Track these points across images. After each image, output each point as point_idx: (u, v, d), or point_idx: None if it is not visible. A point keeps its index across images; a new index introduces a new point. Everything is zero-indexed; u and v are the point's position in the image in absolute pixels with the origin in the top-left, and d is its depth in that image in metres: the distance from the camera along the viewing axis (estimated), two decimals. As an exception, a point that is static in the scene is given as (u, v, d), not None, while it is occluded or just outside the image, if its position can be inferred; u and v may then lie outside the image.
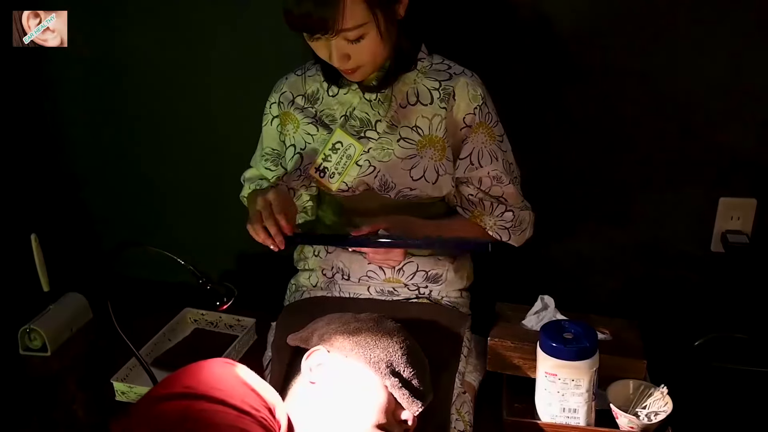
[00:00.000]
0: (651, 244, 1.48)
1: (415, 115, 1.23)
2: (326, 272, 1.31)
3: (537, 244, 1.42)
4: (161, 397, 0.80)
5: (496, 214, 1.29)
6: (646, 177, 1.45)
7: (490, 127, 1.25)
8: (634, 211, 1.47)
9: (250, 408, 0.79)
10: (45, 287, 1.56)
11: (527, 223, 1.33)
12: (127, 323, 1.51)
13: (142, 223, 1.77)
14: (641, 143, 1.42)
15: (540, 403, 1.20)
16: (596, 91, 1.41)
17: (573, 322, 1.20)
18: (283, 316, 1.30)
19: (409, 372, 1.02)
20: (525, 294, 1.37)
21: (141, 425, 0.77)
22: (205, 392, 0.79)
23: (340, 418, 0.96)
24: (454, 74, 1.24)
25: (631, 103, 1.40)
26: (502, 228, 1.30)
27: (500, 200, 1.28)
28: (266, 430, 0.78)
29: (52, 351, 1.52)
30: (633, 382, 1.22)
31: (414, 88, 1.23)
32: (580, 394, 1.16)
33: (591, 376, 1.15)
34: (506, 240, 1.32)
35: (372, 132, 1.23)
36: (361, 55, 1.14)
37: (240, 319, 1.50)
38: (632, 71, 1.38)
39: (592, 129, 1.44)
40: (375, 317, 1.11)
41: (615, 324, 1.35)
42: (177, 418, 0.75)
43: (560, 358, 1.14)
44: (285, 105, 1.30)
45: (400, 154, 1.22)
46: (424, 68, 1.24)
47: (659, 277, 1.51)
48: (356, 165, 1.23)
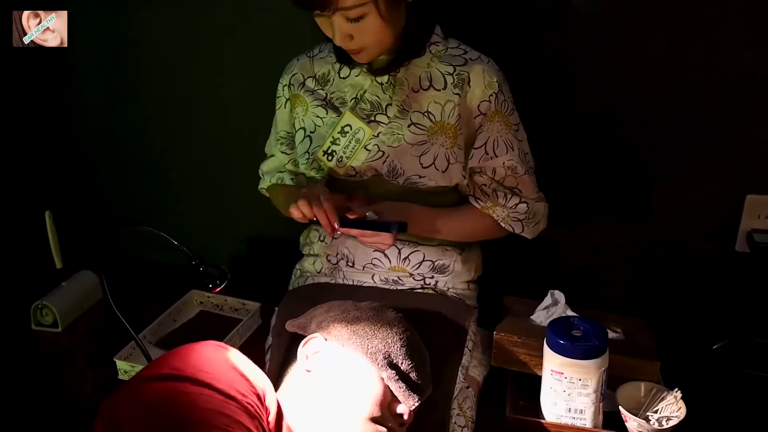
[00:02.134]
0: (671, 241, 1.42)
1: (427, 101, 1.19)
2: (330, 258, 1.29)
3: (550, 237, 1.38)
4: (148, 377, 0.79)
5: (510, 205, 1.25)
6: (667, 171, 1.38)
7: (506, 116, 1.21)
8: (654, 206, 1.41)
9: (236, 393, 0.78)
10: (58, 264, 1.57)
11: (541, 215, 1.29)
12: (137, 303, 1.53)
13: (152, 204, 1.78)
14: (663, 136, 1.36)
15: (545, 401, 1.16)
16: (617, 82, 1.35)
17: (582, 319, 1.16)
18: (285, 301, 1.28)
19: (407, 364, 0.99)
20: (535, 288, 1.33)
21: (126, 405, 0.76)
22: (192, 375, 0.77)
23: (333, 409, 0.94)
24: (469, 60, 1.20)
25: (653, 95, 1.34)
26: (515, 220, 1.26)
27: (514, 191, 1.24)
28: (251, 416, 0.76)
29: (62, 327, 1.54)
30: (644, 385, 1.18)
31: (427, 72, 1.20)
32: (587, 395, 1.12)
33: (599, 376, 1.11)
34: (519, 232, 1.28)
35: (382, 116, 1.20)
36: (364, 36, 1.10)
37: (245, 302, 1.49)
38: (655, 62, 1.32)
39: (611, 120, 1.38)
40: (375, 306, 1.08)
41: (628, 323, 1.30)
42: (160, 399, 0.74)
43: (567, 356, 1.10)
44: (295, 87, 1.28)
45: (410, 140, 1.19)
46: (439, 52, 1.21)
47: (677, 276, 1.44)
48: (365, 149, 1.20)
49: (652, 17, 1.29)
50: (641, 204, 1.41)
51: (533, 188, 1.26)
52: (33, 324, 1.55)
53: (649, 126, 1.36)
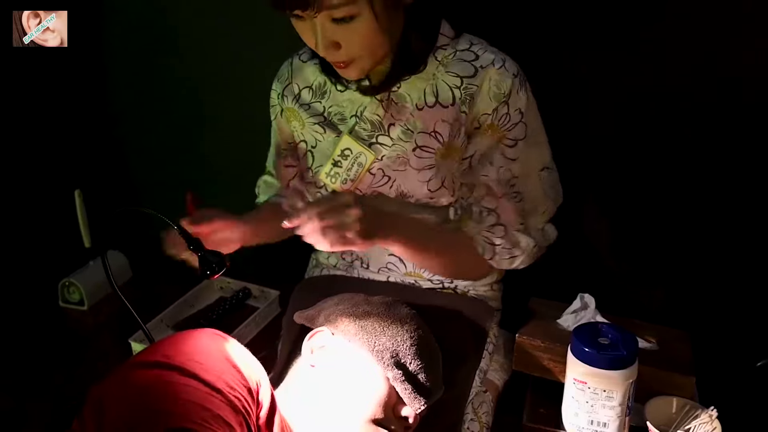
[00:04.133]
0: (716, 247, 1.31)
1: (434, 119, 1.04)
2: (345, 256, 1.23)
3: (583, 237, 1.29)
4: (137, 363, 0.76)
5: (485, 224, 1.08)
6: (714, 171, 1.27)
7: (501, 130, 1.04)
8: (700, 208, 1.30)
9: (224, 386, 0.74)
10: (86, 243, 1.59)
11: (521, 250, 1.09)
12: (160, 286, 1.54)
13: (180, 186, 1.77)
14: (707, 138, 1.25)
15: (566, 412, 1.09)
16: (660, 86, 1.25)
17: (611, 326, 1.08)
18: (299, 290, 1.24)
19: (415, 365, 0.94)
20: (564, 291, 1.25)
21: (111, 389, 0.73)
22: (181, 364, 0.75)
23: (333, 407, 0.90)
24: (480, 68, 1.02)
25: (697, 93, 1.23)
26: (488, 242, 1.08)
27: (492, 212, 1.08)
28: (236, 410, 0.72)
29: (89, 306, 1.56)
30: (677, 400, 1.09)
31: (433, 86, 1.04)
32: (611, 407, 1.04)
33: (626, 388, 1.03)
34: (488, 258, 1.09)
35: (385, 137, 1.07)
36: (353, 44, 0.94)
37: (264, 290, 1.47)
38: (706, 68, 1.21)
39: (651, 123, 1.28)
40: (388, 301, 1.03)
41: (664, 333, 1.21)
42: (143, 386, 0.72)
43: (592, 365, 1.03)
44: (289, 99, 1.16)
45: (416, 165, 1.06)
46: (447, 58, 1.04)
47: (721, 286, 1.33)
48: (369, 173, 1.09)
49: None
50: (686, 207, 1.31)
51: (515, 218, 1.08)
52: (60, 301, 1.58)
53: (694, 129, 1.25)
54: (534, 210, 1.11)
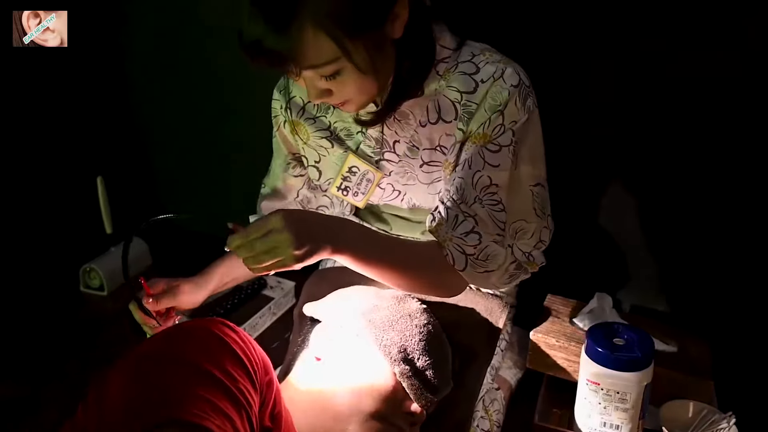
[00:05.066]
0: (741, 251, 1.25)
1: (438, 134, 1.02)
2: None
3: (604, 234, 1.26)
4: (141, 352, 0.76)
5: (459, 231, 0.97)
6: (741, 171, 1.22)
7: (488, 136, 0.97)
8: (730, 211, 1.25)
9: (227, 377, 0.73)
10: (108, 229, 1.61)
11: (498, 264, 0.98)
12: (179, 274, 1.55)
13: (199, 176, 1.78)
14: (738, 136, 1.20)
15: (579, 412, 1.06)
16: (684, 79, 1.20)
17: (628, 326, 1.06)
18: (310, 282, 1.23)
19: (423, 361, 0.93)
20: (581, 289, 1.22)
21: (114, 378, 0.73)
22: (184, 354, 0.74)
23: (338, 402, 0.89)
24: (480, 82, 0.97)
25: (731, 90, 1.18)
26: (458, 251, 0.96)
27: (469, 217, 0.98)
28: (237, 404, 0.71)
29: (108, 291, 1.58)
30: (694, 404, 1.06)
31: (435, 101, 1.00)
32: (624, 410, 1.02)
33: (640, 391, 1.00)
34: (460, 269, 0.97)
35: (391, 154, 1.05)
36: (344, 91, 0.92)
37: (280, 280, 1.47)
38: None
39: (679, 116, 1.24)
40: (398, 296, 1.02)
41: (684, 336, 1.18)
42: (145, 375, 0.71)
43: (605, 366, 1.00)
44: (293, 112, 1.12)
45: (425, 180, 1.05)
46: (448, 72, 0.99)
47: (745, 291, 1.27)
48: (379, 188, 1.08)
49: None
50: (710, 212, 1.25)
51: (491, 225, 0.98)
52: (81, 286, 1.60)
53: (726, 126, 1.21)
54: (522, 231, 1.04)
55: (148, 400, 0.68)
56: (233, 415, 0.70)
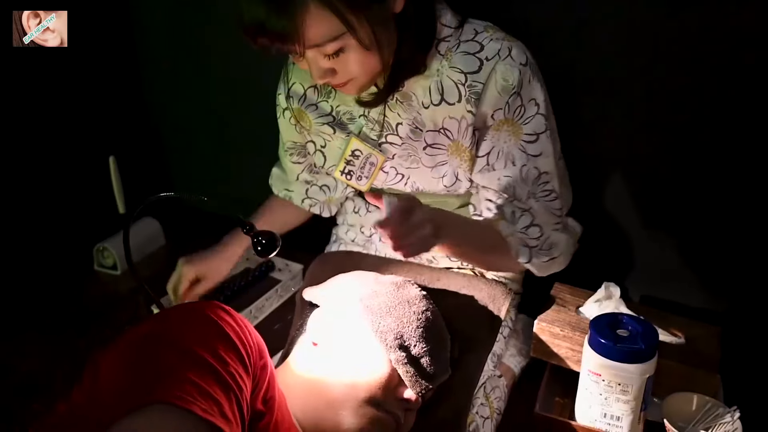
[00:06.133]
0: (754, 239, 1.22)
1: (441, 116, 1.01)
2: (364, 230, 1.22)
3: (614, 222, 1.23)
4: (135, 333, 0.77)
5: (520, 226, 1.02)
6: (751, 158, 1.18)
7: (517, 124, 0.98)
8: (745, 199, 1.21)
9: (218, 361, 0.73)
10: (121, 209, 1.62)
11: (561, 250, 1.04)
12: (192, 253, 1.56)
13: (210, 156, 1.79)
14: (747, 125, 1.15)
15: (580, 403, 1.05)
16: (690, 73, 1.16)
17: (632, 318, 1.04)
18: (314, 266, 1.22)
19: (420, 347, 0.92)
20: (590, 278, 1.20)
21: (107, 358, 0.74)
22: (177, 336, 0.74)
23: (332, 387, 0.89)
24: (485, 60, 0.96)
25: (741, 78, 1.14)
26: (522, 244, 1.02)
27: (526, 212, 1.02)
28: (227, 387, 0.71)
29: (121, 270, 1.60)
30: (697, 397, 1.03)
31: (438, 82, 0.99)
32: (626, 401, 1.00)
33: (641, 383, 0.98)
34: (525, 262, 1.03)
35: (394, 137, 1.05)
36: (348, 69, 0.92)
37: (288, 263, 1.47)
38: None
39: (696, 105, 1.20)
40: (398, 282, 1.01)
41: (693, 328, 1.16)
42: (136, 357, 0.72)
43: (607, 357, 0.99)
44: (295, 99, 1.13)
45: (429, 163, 1.05)
46: (450, 51, 0.98)
47: (759, 283, 1.24)
48: (382, 172, 1.08)
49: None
50: (721, 197, 1.21)
51: (549, 216, 1.02)
52: (95, 265, 1.63)
53: (735, 115, 1.16)
54: None
55: (136, 382, 0.69)
56: (221, 399, 0.70)
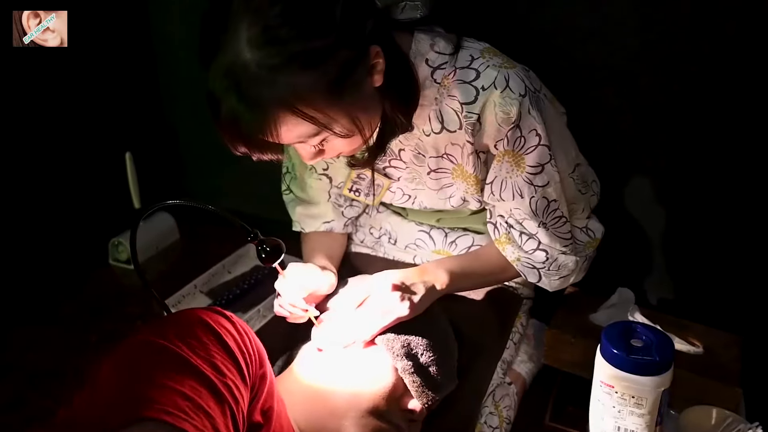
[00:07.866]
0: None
1: (443, 143, 0.99)
2: (373, 231, 1.20)
3: (630, 226, 1.19)
4: (135, 340, 0.76)
5: (527, 249, 1.01)
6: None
7: (519, 155, 0.95)
8: (756, 201, 1.15)
9: (214, 371, 0.72)
10: (136, 204, 1.64)
11: (570, 270, 1.03)
12: (205, 249, 1.56)
13: (226, 152, 1.77)
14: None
15: (593, 415, 1.02)
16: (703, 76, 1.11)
17: (647, 327, 0.99)
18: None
19: (427, 357, 0.90)
20: (604, 283, 1.16)
21: (107, 365, 0.73)
22: (175, 346, 0.73)
23: (335, 395, 0.87)
24: (481, 89, 0.92)
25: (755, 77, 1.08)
26: (528, 266, 1.02)
27: (532, 237, 1.01)
28: (221, 399, 0.70)
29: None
30: (717, 411, 0.99)
31: (437, 111, 0.96)
32: (640, 415, 0.96)
33: (657, 396, 0.94)
34: (536, 281, 1.04)
35: (397, 161, 1.04)
36: (336, 149, 0.91)
37: (298, 262, 1.45)
38: None
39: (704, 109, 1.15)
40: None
41: (713, 337, 1.11)
42: (132, 366, 0.71)
43: (620, 369, 0.95)
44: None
45: (434, 186, 1.04)
46: (447, 79, 0.94)
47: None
48: (389, 192, 1.08)
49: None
50: (740, 201, 1.17)
51: (556, 240, 1.00)
52: (110, 259, 1.64)
53: (752, 114, 1.11)
54: (573, 212, 1.04)
55: (129, 395, 0.67)
56: (215, 413, 0.69)
